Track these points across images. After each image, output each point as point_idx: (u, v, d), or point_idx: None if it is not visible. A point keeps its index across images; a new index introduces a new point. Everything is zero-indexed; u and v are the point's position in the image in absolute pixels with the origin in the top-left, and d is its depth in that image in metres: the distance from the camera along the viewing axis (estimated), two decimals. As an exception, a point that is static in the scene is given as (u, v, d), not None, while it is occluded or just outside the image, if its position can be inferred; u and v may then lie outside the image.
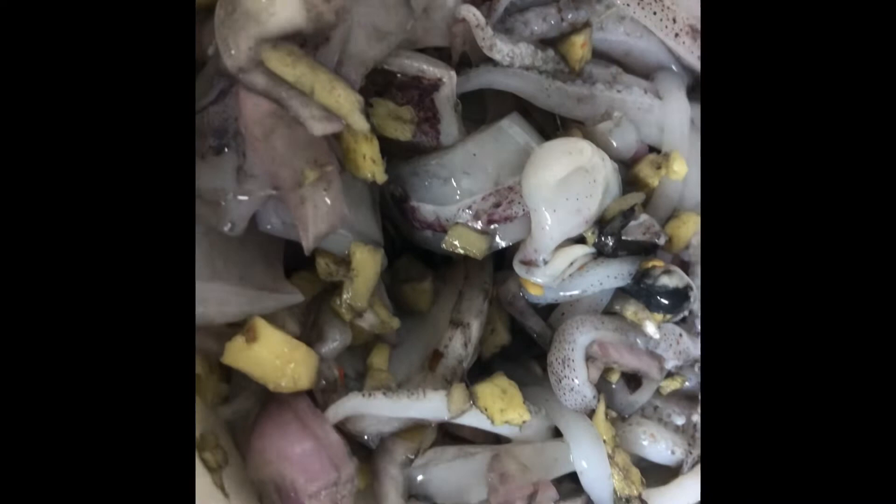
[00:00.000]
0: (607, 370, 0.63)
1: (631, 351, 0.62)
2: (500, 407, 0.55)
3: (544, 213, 0.57)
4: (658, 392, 0.66)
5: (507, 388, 0.56)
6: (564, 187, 0.56)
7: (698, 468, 0.65)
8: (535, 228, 0.58)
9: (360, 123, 0.49)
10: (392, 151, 0.58)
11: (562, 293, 0.62)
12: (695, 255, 0.68)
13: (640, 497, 0.61)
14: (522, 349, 0.66)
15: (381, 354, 0.58)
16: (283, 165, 0.48)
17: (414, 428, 0.57)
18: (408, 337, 0.61)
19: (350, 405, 0.53)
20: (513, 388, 0.57)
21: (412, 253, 0.65)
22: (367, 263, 0.54)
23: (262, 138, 0.48)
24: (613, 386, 0.64)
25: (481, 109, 0.65)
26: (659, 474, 0.66)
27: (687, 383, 0.67)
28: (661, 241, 0.62)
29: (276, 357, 0.50)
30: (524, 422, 0.56)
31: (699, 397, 0.66)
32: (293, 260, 0.57)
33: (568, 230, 0.58)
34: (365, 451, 0.57)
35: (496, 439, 0.59)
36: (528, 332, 0.64)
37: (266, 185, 0.49)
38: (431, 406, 0.55)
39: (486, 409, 0.55)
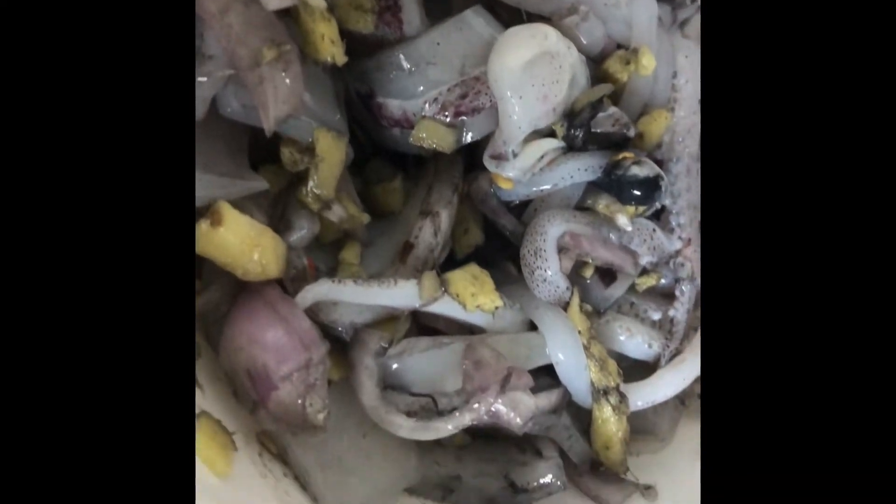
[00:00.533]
0: (581, 265, 0.63)
1: (604, 244, 0.62)
2: (471, 292, 0.55)
3: (510, 99, 0.56)
4: (634, 289, 0.67)
5: (479, 275, 0.56)
6: (530, 72, 0.56)
7: (676, 362, 0.65)
8: (503, 118, 0.57)
9: (315, -1, 0.49)
10: (357, 49, 0.57)
11: (533, 188, 0.62)
12: (667, 152, 0.68)
13: (617, 388, 0.61)
14: (497, 251, 0.66)
15: (353, 250, 0.58)
16: (241, 44, 0.48)
17: (387, 319, 0.57)
18: (380, 237, 0.61)
19: (320, 290, 0.53)
20: (484, 275, 0.57)
21: (382, 157, 0.65)
22: (332, 150, 0.54)
23: (217, 15, 0.47)
24: (588, 281, 0.64)
25: (447, 8, 0.64)
26: (637, 373, 0.66)
27: (663, 280, 0.67)
28: (631, 132, 0.62)
29: (241, 241, 0.50)
30: (496, 308, 0.56)
31: (676, 294, 0.67)
32: (259, 155, 0.57)
33: (535, 118, 0.58)
34: (340, 345, 0.57)
35: (470, 331, 0.59)
36: (501, 231, 0.64)
37: (224, 66, 0.49)
38: (402, 293, 0.55)
39: (457, 296, 0.55)
